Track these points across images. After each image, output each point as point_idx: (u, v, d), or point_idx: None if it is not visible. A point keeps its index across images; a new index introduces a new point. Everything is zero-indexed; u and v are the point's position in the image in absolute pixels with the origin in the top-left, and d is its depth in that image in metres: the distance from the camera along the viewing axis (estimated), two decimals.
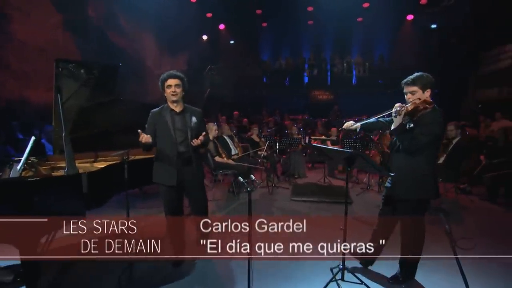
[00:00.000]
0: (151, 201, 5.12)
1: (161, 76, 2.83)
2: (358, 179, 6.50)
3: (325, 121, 10.22)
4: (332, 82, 13.33)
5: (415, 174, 2.40)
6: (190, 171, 2.90)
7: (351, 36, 12.96)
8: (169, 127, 2.83)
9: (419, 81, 2.40)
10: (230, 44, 14.21)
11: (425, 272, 2.70)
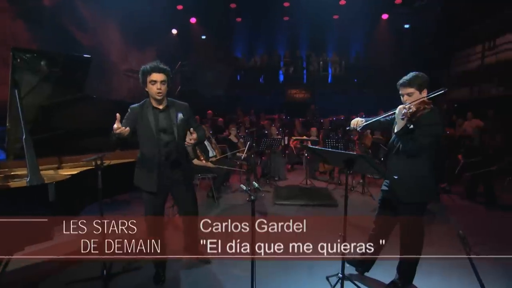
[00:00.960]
0: (122, 209, 4.81)
1: (143, 67, 2.55)
2: (340, 181, 6.56)
3: (303, 120, 10.28)
4: (308, 81, 13.49)
5: (417, 177, 2.40)
6: (177, 176, 2.71)
7: (327, 33, 13.19)
8: (151, 127, 2.58)
9: (415, 81, 2.39)
10: (202, 40, 13.91)
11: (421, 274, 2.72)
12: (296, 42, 13.58)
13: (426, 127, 2.28)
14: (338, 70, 13.16)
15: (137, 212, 4.73)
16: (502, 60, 7.98)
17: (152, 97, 2.61)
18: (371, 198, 5.50)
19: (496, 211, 4.78)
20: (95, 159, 2.62)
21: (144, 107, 2.64)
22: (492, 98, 8.32)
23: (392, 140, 2.59)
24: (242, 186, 2.22)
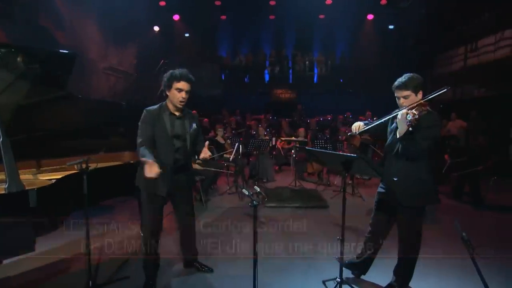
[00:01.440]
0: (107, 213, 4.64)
1: (172, 72, 2.59)
2: (329, 182, 6.60)
3: (290, 121, 10.31)
4: (294, 81, 13.56)
5: (418, 181, 2.40)
6: (182, 181, 2.74)
7: (313, 33, 13.30)
8: (167, 132, 2.61)
9: (412, 83, 2.37)
10: (185, 37, 13.71)
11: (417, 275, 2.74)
12: (281, 41, 13.61)
13: (426, 129, 2.27)
14: (324, 70, 13.29)
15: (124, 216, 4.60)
16: (483, 62, 8.30)
17: (172, 103, 2.62)
18: (361, 199, 5.55)
19: (482, 211, 4.94)
20: (80, 162, 2.49)
21: (161, 111, 2.65)
22: (474, 99, 8.63)
23: (390, 142, 2.58)
24: (244, 190, 2.17)
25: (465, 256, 3.32)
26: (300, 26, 12.89)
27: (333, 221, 4.56)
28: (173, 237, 3.80)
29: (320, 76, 13.48)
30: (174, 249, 3.52)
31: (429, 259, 2.90)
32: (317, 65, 13.31)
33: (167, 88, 2.60)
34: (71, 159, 2.87)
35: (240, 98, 13.57)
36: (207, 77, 13.16)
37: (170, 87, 2.58)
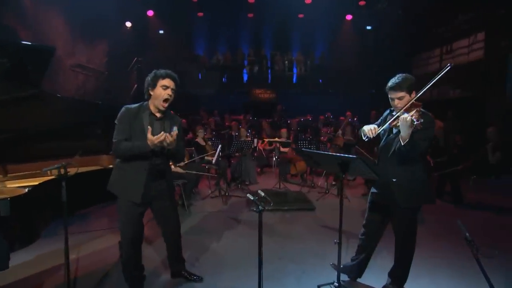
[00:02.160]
0: (81, 223, 4.39)
1: (156, 71, 2.52)
2: (313, 183, 6.64)
3: (270, 121, 10.31)
4: (273, 81, 13.59)
5: (416, 181, 2.44)
6: (162, 188, 2.61)
7: (292, 32, 13.40)
8: (145, 134, 2.44)
9: (406, 84, 2.39)
10: (160, 34, 13.38)
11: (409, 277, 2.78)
12: (260, 41, 13.62)
13: (424, 131, 2.29)
14: (303, 70, 13.43)
15: (101, 224, 4.36)
16: (458, 64, 8.72)
17: (156, 103, 2.50)
18: (347, 200, 5.62)
19: (464, 210, 5.14)
20: (58, 167, 2.30)
21: (140, 110, 2.52)
22: (450, 100, 9.04)
23: (384, 143, 2.61)
24: (248, 195, 2.08)
25: (456, 256, 3.43)
26: (279, 25, 12.95)
27: (321, 223, 4.57)
28: (157, 246, 3.66)
29: (300, 76, 13.62)
30: (159, 258, 3.37)
31: (419, 258, 2.93)
32: (297, 65, 13.43)
33: (151, 87, 2.50)
34: (43, 164, 2.68)
35: (218, 98, 13.42)
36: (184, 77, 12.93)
37: (154, 85, 2.48)
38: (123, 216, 2.52)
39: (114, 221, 4.42)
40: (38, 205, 2.25)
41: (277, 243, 3.86)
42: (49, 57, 2.44)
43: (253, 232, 4.20)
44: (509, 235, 4.16)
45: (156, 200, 2.59)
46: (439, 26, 9.33)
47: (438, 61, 9.57)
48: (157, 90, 2.47)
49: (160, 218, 2.71)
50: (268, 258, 3.45)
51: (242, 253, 3.59)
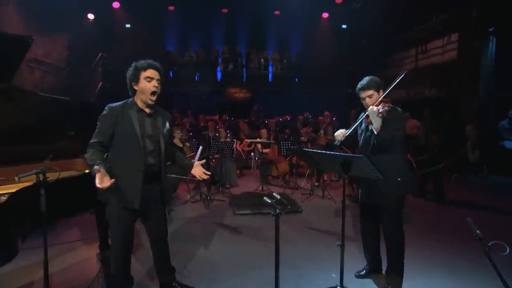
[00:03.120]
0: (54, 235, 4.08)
1: (136, 63, 2.38)
2: (297, 185, 6.68)
3: (247, 121, 10.28)
4: (248, 79, 13.57)
5: (398, 171, 2.61)
6: (155, 191, 2.48)
7: (268, 29, 13.46)
8: (136, 132, 2.32)
9: (372, 84, 2.72)
10: (127, 29, 12.93)
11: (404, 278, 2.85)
12: (235, 37, 13.55)
13: (395, 121, 2.54)
14: (279, 69, 13.52)
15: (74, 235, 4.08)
16: (433, 64, 9.18)
17: (143, 98, 2.37)
18: (333, 201, 5.70)
19: (447, 208, 5.39)
20: (37, 173, 2.12)
21: (126, 108, 2.36)
22: (426, 99, 9.48)
23: (363, 141, 2.82)
24: (265, 198, 2.01)
25: (443, 253, 3.56)
26: (254, 21, 12.97)
27: (309, 225, 4.59)
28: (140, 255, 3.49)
29: (275, 75, 13.70)
30: (143, 269, 3.22)
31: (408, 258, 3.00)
32: (272, 63, 13.50)
33: (134, 81, 2.37)
34: (6, 170, 2.46)
35: (190, 97, 13.20)
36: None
37: (137, 79, 2.35)
38: (116, 225, 2.36)
39: (85, 231, 4.19)
40: (17, 216, 2.04)
41: (269, 248, 3.81)
42: (25, 49, 2.24)
43: (241, 237, 4.14)
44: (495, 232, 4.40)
45: (150, 204, 2.46)
46: (414, 27, 9.77)
47: (414, 61, 10.03)
48: (141, 84, 2.34)
49: (150, 224, 2.57)
50: (262, 264, 3.41)
51: (234, 260, 3.52)
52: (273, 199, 1.99)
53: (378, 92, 2.73)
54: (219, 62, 13.25)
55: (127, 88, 2.44)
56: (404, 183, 2.63)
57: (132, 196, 2.30)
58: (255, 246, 3.91)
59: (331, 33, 13.32)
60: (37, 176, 2.15)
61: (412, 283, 2.93)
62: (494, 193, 6.08)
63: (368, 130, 2.74)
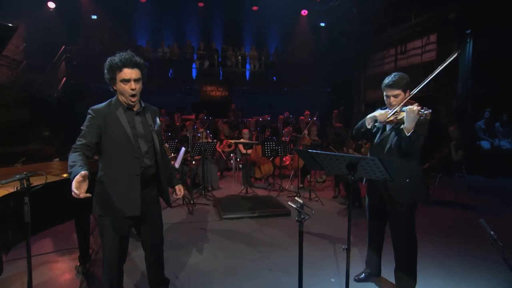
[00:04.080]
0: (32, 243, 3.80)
1: (110, 61, 2.14)
2: (282, 187, 6.68)
3: (226, 121, 10.18)
4: (225, 77, 13.45)
5: (412, 177, 2.61)
6: (152, 195, 2.35)
7: (245, 26, 13.41)
8: (127, 133, 2.18)
9: (402, 82, 2.60)
10: (93, 20, 12.41)
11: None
12: (211, 33, 13.39)
13: (420, 126, 2.49)
14: (257, 67, 13.52)
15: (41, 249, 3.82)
16: (412, 64, 9.54)
17: (124, 99, 2.21)
18: (320, 204, 5.75)
19: (434, 207, 5.59)
20: (21, 179, 1.95)
21: (111, 108, 2.20)
22: None
23: (379, 140, 2.74)
24: (290, 203, 1.96)
25: (437, 253, 3.68)
26: (231, 16, 12.88)
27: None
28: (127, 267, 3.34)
29: (253, 73, 13.68)
30: (131, 281, 3.07)
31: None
32: (250, 61, 13.46)
33: (111, 83, 2.20)
34: None
35: (163, 95, 12.89)
36: None
37: (113, 80, 2.17)
38: (113, 235, 2.22)
39: (58, 242, 3.97)
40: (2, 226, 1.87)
41: (262, 253, 3.79)
42: (7, 37, 2.05)
43: (231, 243, 4.07)
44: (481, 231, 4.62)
45: (147, 209, 2.33)
46: (393, 27, 10.11)
47: (393, 60, 10.37)
48: (118, 85, 2.17)
49: (146, 230, 2.42)
50: (258, 270, 3.37)
51: (227, 267, 3.45)
52: (297, 204, 1.95)
53: (405, 93, 2.63)
54: (194, 59, 13.02)
55: (105, 85, 2.26)
56: (416, 188, 2.63)
57: (132, 202, 2.18)
58: (247, 251, 3.86)
59: (309, 31, 13.50)
60: (21, 182, 1.98)
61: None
62: (478, 192, 6.38)
63: (386, 130, 2.70)
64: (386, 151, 2.65)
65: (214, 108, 12.00)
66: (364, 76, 11.78)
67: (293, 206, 1.96)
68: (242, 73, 13.63)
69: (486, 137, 8.14)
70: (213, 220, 4.92)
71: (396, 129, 2.60)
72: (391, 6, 9.70)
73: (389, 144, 2.66)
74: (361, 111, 11.60)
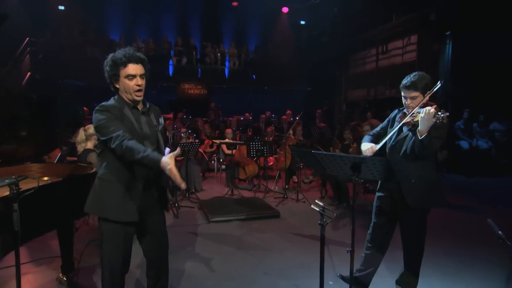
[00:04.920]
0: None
1: (113, 57, 2.08)
2: (267, 188, 6.67)
3: (206, 120, 10.05)
4: (203, 75, 13.29)
5: (429, 182, 2.59)
6: (154, 198, 2.26)
7: (225, 22, 13.30)
8: (138, 134, 2.10)
9: (421, 84, 2.50)
10: (60, 11, 11.89)
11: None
12: (188, 29, 13.18)
13: (439, 128, 2.44)
14: (237, 65, 13.45)
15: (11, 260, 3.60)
16: (393, 64, 9.84)
17: (128, 97, 2.14)
18: (308, 204, 5.78)
19: None
20: (12, 183, 1.82)
21: (121, 105, 2.13)
22: (386, 99, 10.13)
23: (393, 143, 2.71)
24: (313, 206, 1.93)
25: (430, 253, 3.79)
26: (210, 11, 12.73)
27: (291, 230, 4.61)
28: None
29: (232, 71, 13.60)
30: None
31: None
32: (229, 58, 13.37)
33: (114, 79, 2.13)
34: None
35: None
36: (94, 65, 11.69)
37: (117, 77, 2.11)
38: (112, 243, 2.12)
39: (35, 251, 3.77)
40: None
41: (255, 257, 3.77)
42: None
43: (223, 247, 4.02)
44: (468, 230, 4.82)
45: (147, 215, 2.23)
46: (375, 26, 10.38)
47: (375, 60, 10.64)
48: (122, 83, 2.11)
49: (146, 238, 2.32)
50: (254, 275, 3.35)
51: (222, 272, 3.41)
52: (320, 207, 1.93)
53: (424, 95, 2.51)
54: (171, 55, 12.76)
55: (109, 84, 2.17)
56: (431, 194, 2.60)
57: (132, 207, 2.10)
58: (240, 255, 3.83)
59: (290, 29, 13.58)
60: (10, 187, 1.85)
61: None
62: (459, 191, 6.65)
63: (402, 132, 2.62)
64: (402, 154, 2.59)
65: (192, 106, 11.81)
66: (345, 76, 12.01)
67: (316, 209, 1.94)
68: (221, 71, 13.52)
69: (465, 137, 8.51)
70: (200, 224, 4.84)
71: (413, 131, 2.53)
72: (372, 6, 9.95)
73: (404, 147, 2.59)
74: (343, 110, 11.83)
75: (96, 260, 3.55)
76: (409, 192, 2.58)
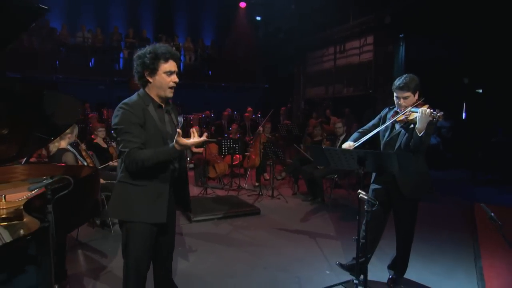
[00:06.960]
0: None
1: (155, 49, 2.11)
2: (240, 185, 6.85)
3: None
4: None
5: (421, 174, 3.00)
6: (172, 198, 2.31)
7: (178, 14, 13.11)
8: (162, 133, 2.15)
9: (412, 85, 2.87)
10: None
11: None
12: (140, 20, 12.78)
13: (429, 126, 2.81)
14: (192, 59, 13.35)
15: None
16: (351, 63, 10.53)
17: (160, 92, 2.18)
18: (284, 201, 6.07)
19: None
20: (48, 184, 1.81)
21: (144, 103, 2.15)
22: (344, 98, 10.81)
23: (388, 139, 3.09)
24: (362, 196, 2.13)
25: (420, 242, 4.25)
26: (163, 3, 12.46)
27: (275, 226, 4.86)
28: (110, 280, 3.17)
29: (187, 66, 13.47)
30: None
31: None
32: (185, 52, 13.23)
33: (151, 73, 2.15)
34: None
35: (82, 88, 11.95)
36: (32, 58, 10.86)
37: (155, 71, 2.14)
38: (141, 245, 2.15)
39: None
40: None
41: (250, 253, 3.94)
42: (33, 18, 1.83)
43: (213, 246, 4.14)
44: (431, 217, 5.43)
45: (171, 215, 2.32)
46: (332, 26, 10.99)
47: (332, 59, 11.28)
48: (159, 77, 2.15)
49: (164, 239, 2.35)
50: (253, 269, 3.53)
51: (220, 270, 3.55)
52: (365, 196, 2.16)
53: (415, 94, 2.87)
54: (122, 48, 12.29)
55: (139, 77, 2.21)
56: (423, 184, 3.01)
57: (161, 208, 2.16)
58: (233, 252, 3.98)
59: (247, 25, 13.79)
60: (47, 188, 1.83)
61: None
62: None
63: (395, 129, 3.02)
64: (396, 149, 2.94)
65: None
66: (303, 73, 12.54)
67: (365, 197, 2.17)
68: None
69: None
70: (183, 224, 4.87)
71: (405, 128, 2.93)
72: (330, 6, 10.52)
73: (399, 143, 2.95)
74: (301, 108, 12.34)
75: (81, 268, 3.51)
76: (404, 184, 2.97)
